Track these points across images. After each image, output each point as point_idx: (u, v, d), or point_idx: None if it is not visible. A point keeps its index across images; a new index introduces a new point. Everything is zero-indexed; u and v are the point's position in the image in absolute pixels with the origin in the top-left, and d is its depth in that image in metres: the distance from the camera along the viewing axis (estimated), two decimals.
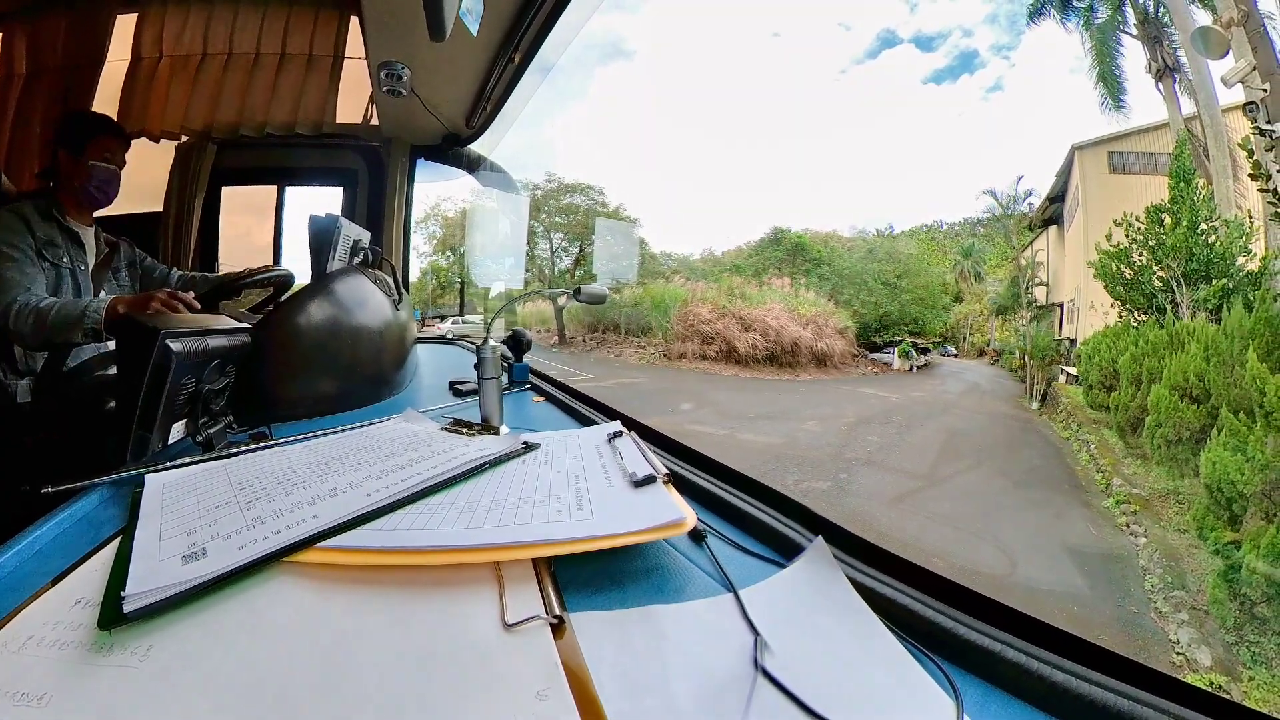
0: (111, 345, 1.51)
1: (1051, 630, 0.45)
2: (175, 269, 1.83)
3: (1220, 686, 3.90)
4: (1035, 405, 13.69)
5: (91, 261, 1.60)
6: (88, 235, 1.60)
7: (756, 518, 0.64)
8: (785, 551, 0.58)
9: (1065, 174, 16.39)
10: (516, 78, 1.92)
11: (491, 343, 1.00)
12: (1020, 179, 21.43)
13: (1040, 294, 18.76)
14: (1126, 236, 9.76)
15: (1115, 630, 4.65)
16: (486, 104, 2.17)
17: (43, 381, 1.41)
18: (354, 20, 2.28)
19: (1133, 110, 14.25)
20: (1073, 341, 14.33)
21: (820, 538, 0.55)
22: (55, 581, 0.48)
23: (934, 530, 6.72)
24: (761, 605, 0.47)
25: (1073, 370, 12.38)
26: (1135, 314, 9.74)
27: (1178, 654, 4.32)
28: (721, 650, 0.42)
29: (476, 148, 2.67)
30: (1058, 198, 17.68)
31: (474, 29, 1.24)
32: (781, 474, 8.36)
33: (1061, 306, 17.14)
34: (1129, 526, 6.28)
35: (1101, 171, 14.34)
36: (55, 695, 0.35)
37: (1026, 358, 15.74)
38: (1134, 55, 13.95)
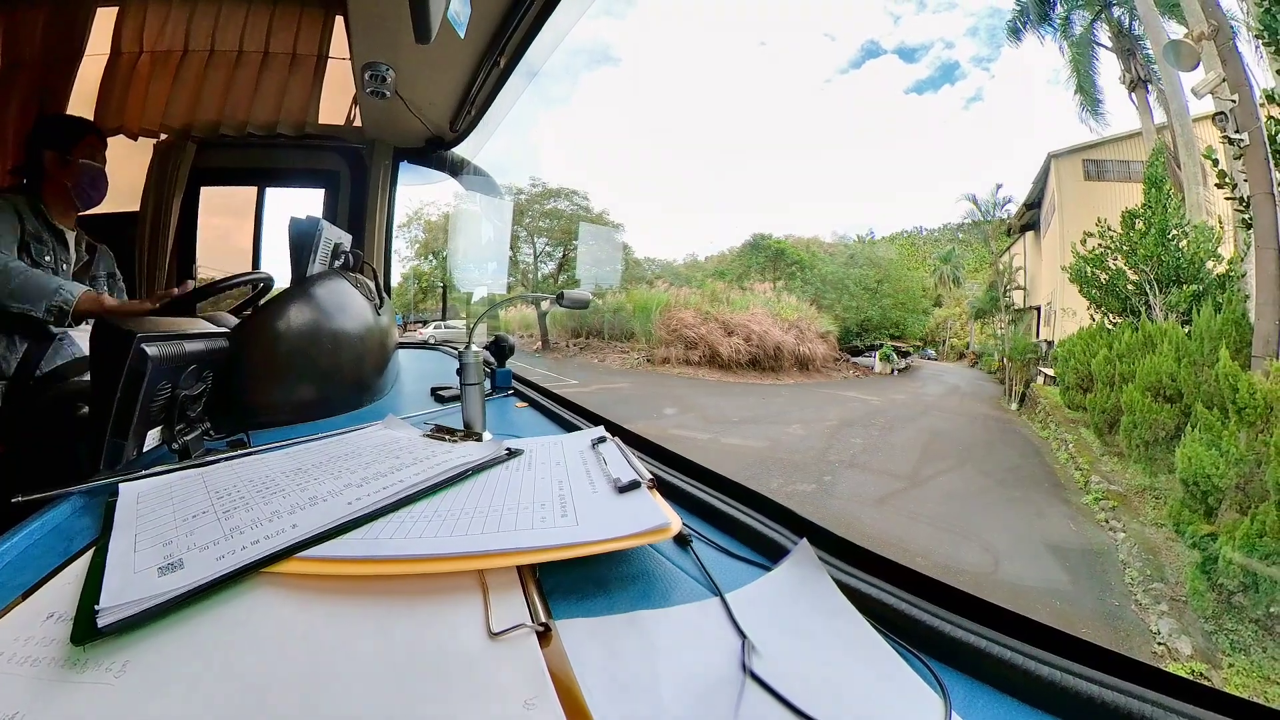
0: (79, 338, 1.49)
1: (1036, 626, 0.45)
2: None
3: (1201, 674, 3.99)
4: (1014, 406, 13.92)
5: (73, 263, 1.59)
6: (71, 237, 1.59)
7: (741, 521, 0.65)
8: (770, 554, 0.59)
9: (1042, 181, 16.75)
10: (501, 82, 1.92)
11: (474, 348, 0.99)
12: (1000, 187, 21.80)
13: (1018, 297, 19.13)
14: (1101, 242, 10.00)
15: (1097, 623, 4.72)
16: (471, 108, 2.16)
17: (16, 386, 1.38)
18: (339, 20, 2.26)
19: (1108, 119, 14.67)
20: (1050, 344, 14.61)
21: (805, 540, 0.55)
22: (26, 595, 0.47)
23: (918, 530, 6.78)
24: (748, 608, 0.48)
25: (1050, 372, 12.62)
26: (1110, 317, 9.96)
27: (1159, 644, 4.40)
28: (709, 654, 0.42)
29: (460, 151, 2.66)
30: (1034, 204, 18.05)
31: (460, 32, 1.23)
32: (766, 477, 8.39)
33: (1039, 310, 17.49)
34: (1108, 522, 6.39)
35: (1077, 178, 14.69)
36: (27, 714, 0.34)
37: (1005, 360, 16.02)
38: (1109, 67, 14.36)
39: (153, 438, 0.79)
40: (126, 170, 2.47)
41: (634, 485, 0.60)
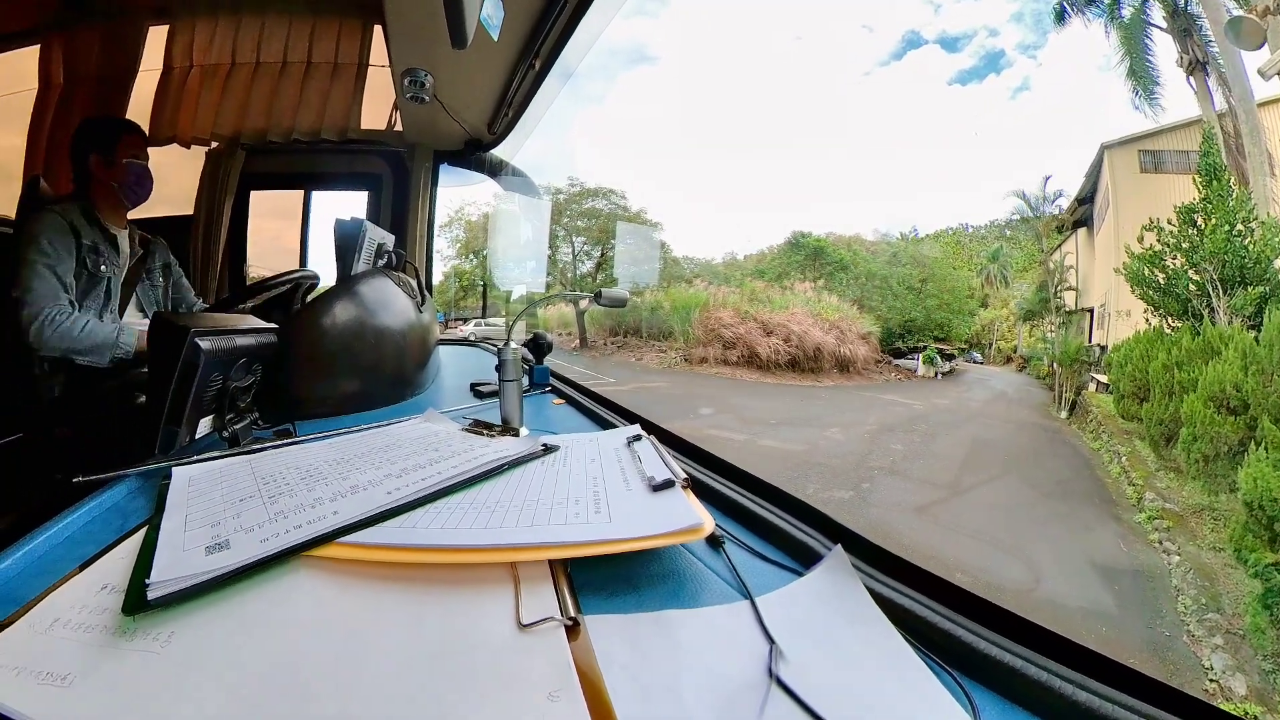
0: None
1: (1075, 647, 0.43)
2: (201, 299, 1.88)
3: (1255, 717, 3.71)
4: (1064, 414, 13.34)
5: (125, 264, 1.64)
6: (123, 238, 1.64)
7: (775, 524, 0.64)
8: (803, 559, 0.57)
9: (1095, 174, 15.97)
10: (537, 83, 1.93)
11: (513, 345, 1.00)
12: (1049, 179, 20.69)
13: (1069, 299, 18.29)
14: (1158, 239, 9.41)
15: (1146, 653, 4.44)
16: (508, 110, 2.18)
17: (77, 377, 1.46)
18: (378, 29, 2.31)
19: (1165, 106, 13.75)
20: (1103, 348, 13.94)
21: (839, 546, 0.54)
22: (83, 567, 0.50)
23: (958, 543, 6.56)
24: (778, 613, 0.47)
25: (1103, 378, 12.04)
26: (1168, 320, 9.39)
27: (1211, 681, 4.09)
28: (736, 657, 0.42)
29: (498, 153, 2.68)
30: (1087, 199, 17.24)
31: (495, 36, 1.25)
32: (802, 482, 8.25)
33: (1091, 312, 16.69)
34: (1161, 543, 5.99)
35: (1132, 171, 13.92)
36: (78, 676, 0.36)
37: (1055, 365, 15.35)
38: (1164, 50, 13.48)
39: (204, 426, 0.82)
40: (181, 177, 2.60)
41: (668, 484, 0.60)
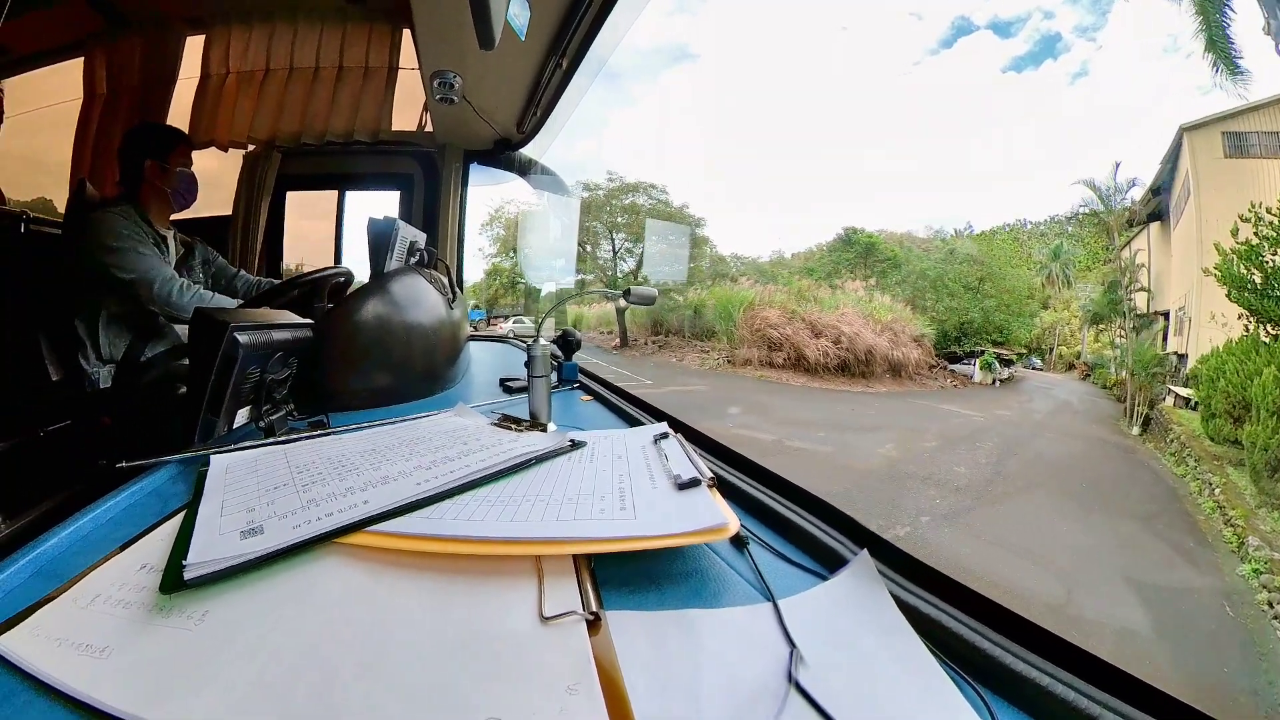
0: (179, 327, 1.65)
1: (1107, 668, 0.41)
2: (242, 270, 1.97)
3: None
4: (1136, 430, 12.39)
5: (171, 262, 1.73)
6: (171, 238, 1.74)
7: (801, 527, 0.62)
8: (829, 563, 0.56)
9: (1171, 160, 14.77)
10: (565, 81, 1.93)
11: (542, 342, 1.01)
12: (1119, 165, 18.91)
13: (1140, 300, 17.04)
14: (1255, 231, 8.38)
15: None
16: (536, 108, 2.19)
17: (123, 369, 1.54)
18: (406, 33, 2.37)
19: (1250, 82, 11.98)
20: (1182, 357, 12.97)
21: (865, 551, 0.53)
22: (124, 547, 0.52)
23: (1038, 588, 5.68)
24: (800, 617, 0.46)
25: (1182, 391, 11.13)
26: (1267, 326, 8.31)
27: None
28: (755, 659, 0.41)
29: (528, 151, 2.69)
30: (1161, 189, 16.04)
31: (521, 36, 1.25)
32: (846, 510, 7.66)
33: (1167, 315, 15.55)
34: (1272, 605, 4.93)
35: (1215, 156, 12.70)
36: (116, 649, 0.38)
37: (1126, 374, 14.36)
38: (1247, 18, 12.01)
39: (242, 416, 0.85)
40: (220, 179, 2.72)
41: (694, 483, 0.59)
